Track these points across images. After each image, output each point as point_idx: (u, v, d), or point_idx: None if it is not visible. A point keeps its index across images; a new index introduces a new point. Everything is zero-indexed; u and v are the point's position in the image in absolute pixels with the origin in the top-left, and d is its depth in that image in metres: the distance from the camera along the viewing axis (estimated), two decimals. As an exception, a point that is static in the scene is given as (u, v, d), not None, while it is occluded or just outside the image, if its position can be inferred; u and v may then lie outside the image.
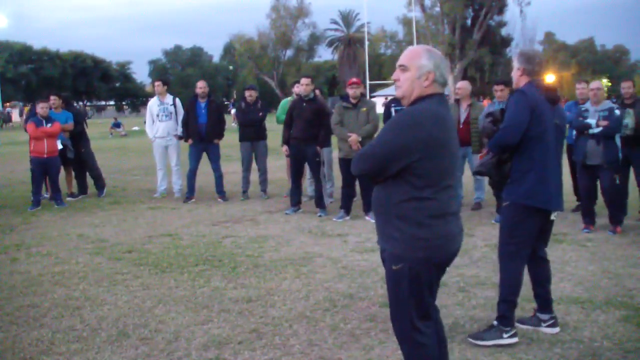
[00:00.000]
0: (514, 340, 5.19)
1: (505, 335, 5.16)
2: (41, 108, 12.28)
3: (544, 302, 5.51)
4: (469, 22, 63.75)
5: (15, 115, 62.35)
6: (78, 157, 13.40)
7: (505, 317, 5.22)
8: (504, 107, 5.45)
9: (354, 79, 10.62)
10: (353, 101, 10.40)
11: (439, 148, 3.60)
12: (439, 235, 3.65)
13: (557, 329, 5.41)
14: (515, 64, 5.35)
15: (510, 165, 5.24)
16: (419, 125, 3.58)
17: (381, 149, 3.65)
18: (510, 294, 5.26)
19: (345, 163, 10.32)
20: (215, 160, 12.79)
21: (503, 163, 5.28)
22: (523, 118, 5.05)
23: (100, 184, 13.85)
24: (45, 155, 12.11)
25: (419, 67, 3.71)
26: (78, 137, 13.53)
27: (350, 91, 10.43)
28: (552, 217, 5.37)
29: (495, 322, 5.27)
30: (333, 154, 12.32)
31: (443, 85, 3.81)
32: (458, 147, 3.97)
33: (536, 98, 5.11)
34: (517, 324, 5.37)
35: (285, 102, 13.01)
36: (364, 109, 10.41)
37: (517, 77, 5.34)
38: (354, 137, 10.17)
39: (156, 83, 13.74)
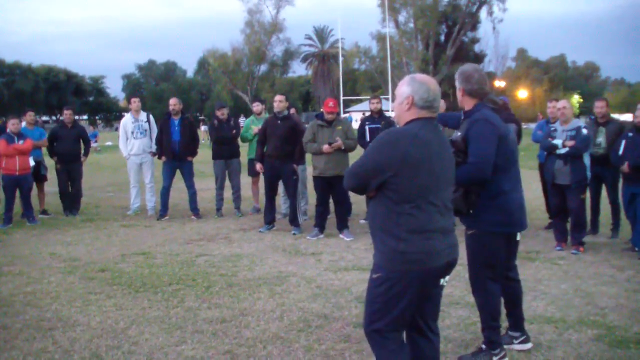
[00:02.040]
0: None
1: (495, 358, 5.17)
2: (12, 124, 12.15)
3: (515, 321, 5.53)
4: (442, 38, 64.23)
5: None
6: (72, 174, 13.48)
7: (492, 341, 5.22)
8: (464, 134, 5.09)
9: (331, 104, 10.48)
10: (329, 118, 10.40)
11: (416, 166, 3.78)
12: (417, 251, 3.80)
13: (529, 345, 5.44)
14: (457, 84, 5.21)
15: (477, 194, 5.06)
16: (395, 144, 3.83)
17: (362, 166, 3.96)
18: (492, 320, 5.24)
19: (319, 181, 10.35)
20: (188, 177, 12.75)
21: (469, 193, 5.04)
22: (491, 150, 4.90)
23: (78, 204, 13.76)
24: (17, 173, 11.98)
25: (400, 94, 4.02)
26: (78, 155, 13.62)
27: (329, 116, 10.43)
28: (518, 237, 5.37)
29: (483, 346, 5.28)
30: (307, 171, 12.32)
31: (427, 108, 3.96)
32: (448, 168, 4.03)
33: (499, 124, 5.03)
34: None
35: (249, 122, 13.05)
36: (340, 127, 10.43)
37: (460, 98, 5.21)
38: (326, 147, 10.18)
39: (134, 99, 13.68)
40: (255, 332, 6.01)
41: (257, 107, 13.00)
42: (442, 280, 4.01)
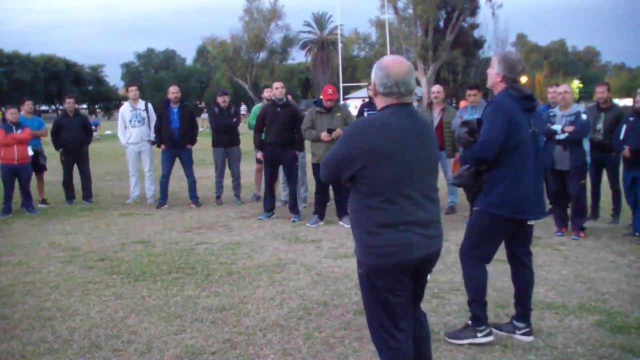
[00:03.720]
0: (490, 339, 5.27)
1: (479, 335, 5.22)
2: (10, 114, 12.13)
3: (522, 311, 5.51)
4: (441, 24, 63.92)
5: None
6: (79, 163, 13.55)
7: (477, 317, 5.28)
8: (479, 116, 5.41)
9: (330, 91, 10.47)
10: (328, 105, 10.37)
11: (384, 158, 3.65)
12: (389, 244, 3.70)
13: (531, 338, 5.41)
14: (496, 68, 5.25)
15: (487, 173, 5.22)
16: (361, 135, 3.72)
17: (332, 158, 3.88)
18: (476, 295, 5.32)
19: (318, 168, 10.30)
20: (188, 165, 12.72)
21: (481, 174, 5.25)
22: (500, 132, 5.02)
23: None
24: (15, 162, 11.95)
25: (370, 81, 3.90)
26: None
27: (327, 103, 10.39)
28: (531, 222, 5.40)
29: (469, 322, 5.34)
30: (306, 158, 12.30)
31: (391, 95, 3.77)
32: (426, 157, 3.86)
33: (511, 109, 5.08)
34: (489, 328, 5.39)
35: (256, 108, 12.99)
36: (339, 114, 10.39)
37: (495, 82, 5.29)
38: (324, 134, 10.14)
39: (132, 88, 13.66)
40: (255, 320, 5.99)
41: (268, 92, 12.91)
42: (429, 276, 3.99)
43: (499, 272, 6.80)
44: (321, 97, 10.61)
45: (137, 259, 8.49)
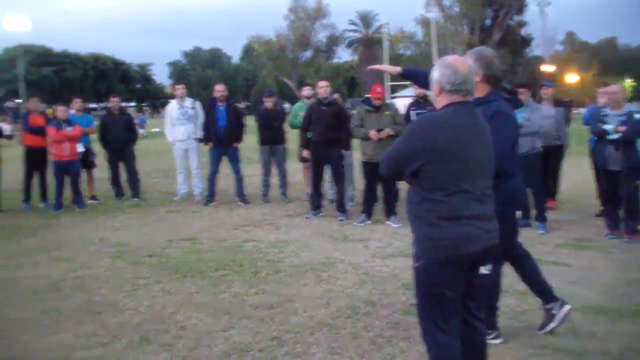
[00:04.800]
0: (498, 340, 5.24)
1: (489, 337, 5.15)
2: (61, 112, 12.36)
3: (541, 292, 5.51)
4: (488, 22, 63.32)
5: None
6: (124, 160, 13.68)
7: (488, 321, 5.20)
8: (527, 115, 5.36)
9: (379, 90, 10.48)
10: (376, 103, 10.33)
11: (447, 154, 3.71)
12: (450, 236, 3.74)
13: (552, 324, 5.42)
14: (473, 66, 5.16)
15: None
16: (424, 132, 3.78)
17: (394, 153, 3.94)
18: (490, 300, 5.26)
19: (368, 166, 10.27)
20: (235, 163, 12.79)
21: None
22: (510, 144, 5.00)
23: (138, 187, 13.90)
24: (66, 159, 12.15)
25: (431, 79, 3.94)
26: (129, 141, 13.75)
27: (376, 102, 10.37)
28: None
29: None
30: (354, 156, 12.29)
31: (457, 92, 3.82)
32: (486, 154, 3.91)
33: (513, 113, 5.10)
34: (538, 333, 5.42)
35: (297, 107, 13.01)
36: (387, 112, 10.35)
37: (475, 83, 5.16)
38: (373, 133, 10.11)
39: (179, 86, 13.79)
40: (302, 319, 5.99)
41: (307, 90, 12.92)
42: (482, 269, 3.95)
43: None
44: (368, 95, 10.57)
45: (185, 255, 8.56)
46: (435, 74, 3.88)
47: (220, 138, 12.57)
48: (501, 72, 5.15)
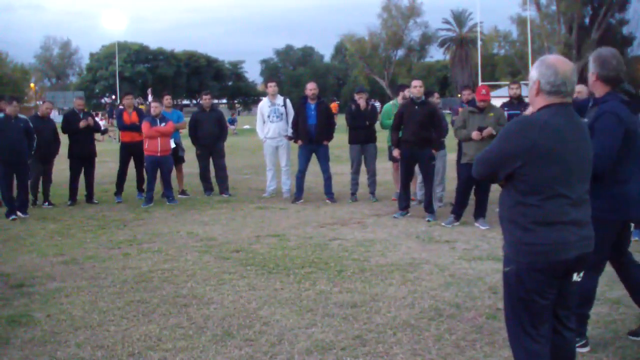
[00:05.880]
0: (586, 349, 5.08)
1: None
2: (154, 108, 12.66)
3: None
4: (587, 20, 61.63)
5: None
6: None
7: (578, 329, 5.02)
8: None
9: (484, 91, 10.29)
10: (481, 105, 10.19)
11: (545, 156, 3.59)
12: (545, 242, 3.62)
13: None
14: (590, 67, 5.03)
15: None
16: (524, 133, 3.64)
17: (490, 155, 3.82)
18: (580, 307, 5.01)
19: (466, 168, 10.10)
20: (324, 161, 12.81)
21: None
22: (615, 145, 4.77)
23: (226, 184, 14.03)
24: (158, 154, 12.44)
25: (530, 78, 3.82)
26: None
27: (481, 103, 10.24)
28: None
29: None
30: (447, 157, 12.17)
31: (556, 94, 3.69)
32: (584, 158, 3.78)
33: (627, 115, 4.83)
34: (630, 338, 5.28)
35: (389, 107, 12.92)
36: (491, 114, 10.15)
37: (592, 82, 5.04)
38: (475, 133, 9.96)
39: (271, 84, 13.94)
40: (386, 319, 5.94)
41: (409, 92, 12.77)
42: (575, 276, 3.81)
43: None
44: (474, 96, 10.49)
45: (272, 251, 8.61)
46: (535, 74, 3.75)
47: (311, 136, 12.62)
48: (617, 73, 4.95)
